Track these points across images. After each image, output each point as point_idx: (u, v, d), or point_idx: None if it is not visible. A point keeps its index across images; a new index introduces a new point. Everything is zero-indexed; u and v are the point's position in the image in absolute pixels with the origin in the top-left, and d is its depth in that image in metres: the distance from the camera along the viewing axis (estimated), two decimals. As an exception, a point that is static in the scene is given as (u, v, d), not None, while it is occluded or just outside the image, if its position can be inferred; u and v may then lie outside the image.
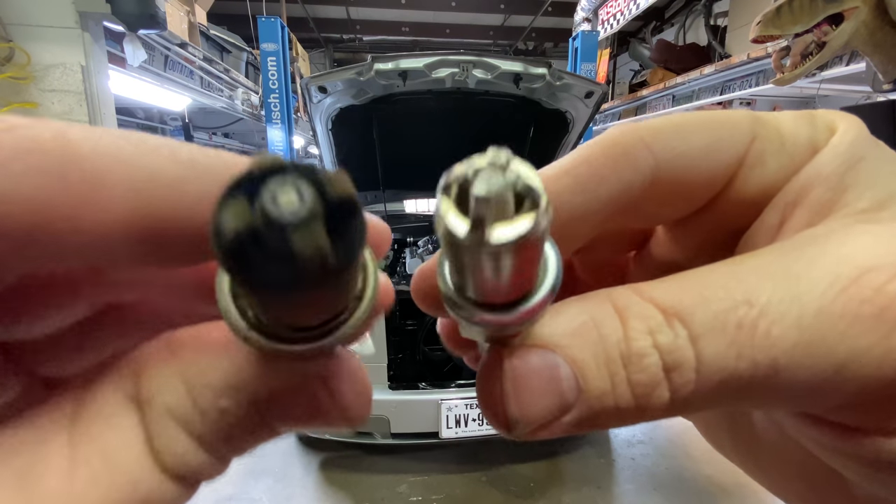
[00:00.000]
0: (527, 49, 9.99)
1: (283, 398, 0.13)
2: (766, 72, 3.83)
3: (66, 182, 0.10)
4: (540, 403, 0.14)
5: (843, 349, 0.13)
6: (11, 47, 2.20)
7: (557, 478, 2.56)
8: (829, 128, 0.17)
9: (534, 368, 0.14)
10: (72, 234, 0.10)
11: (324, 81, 2.41)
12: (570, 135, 3.02)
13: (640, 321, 0.14)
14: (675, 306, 0.14)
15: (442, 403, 2.22)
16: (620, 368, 0.14)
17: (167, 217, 0.12)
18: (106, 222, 0.11)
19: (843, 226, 0.15)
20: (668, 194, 0.17)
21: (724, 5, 5.35)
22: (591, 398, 0.14)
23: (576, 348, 0.14)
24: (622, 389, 0.14)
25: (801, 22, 1.84)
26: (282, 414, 0.13)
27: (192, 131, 5.79)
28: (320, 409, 0.13)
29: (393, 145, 3.05)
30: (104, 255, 0.11)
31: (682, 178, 0.16)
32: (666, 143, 0.16)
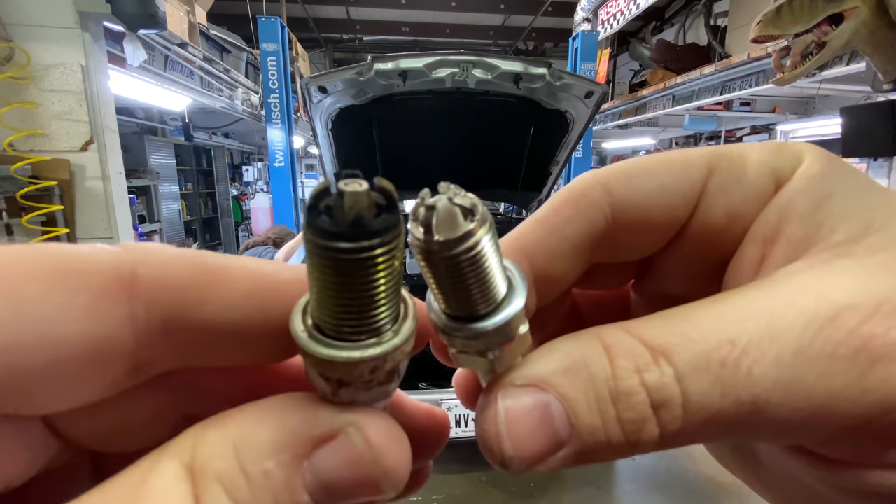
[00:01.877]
0: (527, 49, 9.99)
1: (323, 452, 0.13)
2: (766, 72, 3.83)
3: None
4: (533, 442, 0.15)
5: (820, 389, 0.13)
6: (11, 47, 2.20)
7: (557, 478, 2.56)
8: (795, 158, 0.18)
9: (527, 408, 0.15)
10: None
11: (324, 81, 2.41)
12: (570, 135, 3.01)
13: (628, 359, 0.14)
14: (661, 345, 0.14)
15: (442, 403, 2.22)
16: (610, 406, 0.14)
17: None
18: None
19: (820, 261, 0.15)
20: (635, 228, 0.18)
21: (724, 5, 5.35)
22: (583, 435, 0.15)
23: (567, 386, 0.15)
24: (612, 426, 0.14)
25: (801, 22, 1.84)
26: (322, 468, 0.13)
27: (192, 131, 5.79)
28: (357, 460, 0.13)
29: (393, 145, 3.05)
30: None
31: (642, 213, 0.18)
32: (620, 183, 0.18)
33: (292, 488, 0.13)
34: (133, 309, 0.13)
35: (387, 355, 0.14)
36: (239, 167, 9.91)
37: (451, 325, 0.15)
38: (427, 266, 0.14)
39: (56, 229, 2.33)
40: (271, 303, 0.14)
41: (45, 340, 0.12)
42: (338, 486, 0.13)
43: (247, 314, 0.14)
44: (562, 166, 3.31)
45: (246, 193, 9.68)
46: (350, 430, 0.14)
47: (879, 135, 2.43)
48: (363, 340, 0.13)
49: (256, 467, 0.12)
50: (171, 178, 6.93)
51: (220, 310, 0.14)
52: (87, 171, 2.42)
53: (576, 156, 4.95)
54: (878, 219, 0.16)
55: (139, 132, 6.16)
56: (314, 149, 6.47)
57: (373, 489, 0.14)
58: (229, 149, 9.28)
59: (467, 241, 0.13)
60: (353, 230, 0.11)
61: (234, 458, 0.12)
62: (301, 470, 0.13)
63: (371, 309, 0.13)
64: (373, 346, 0.13)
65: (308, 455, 0.13)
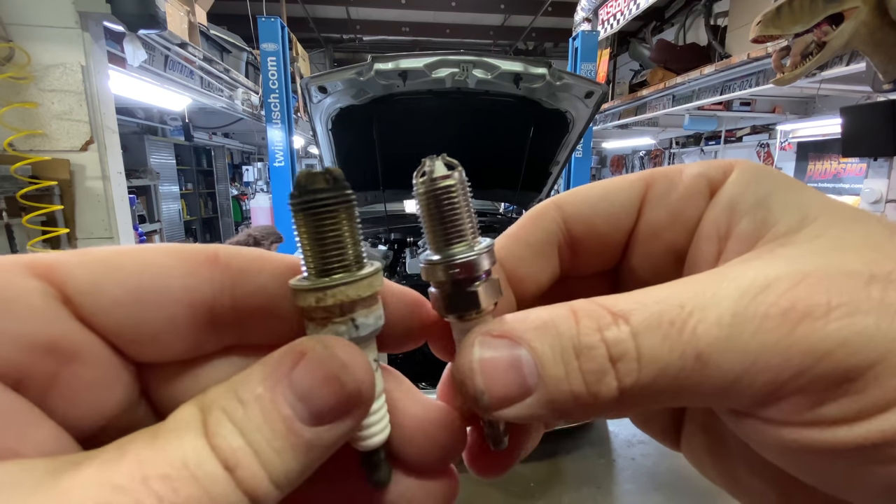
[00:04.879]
0: (527, 49, 9.99)
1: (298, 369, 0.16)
2: (766, 72, 3.83)
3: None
4: (504, 383, 0.17)
5: (755, 343, 0.15)
6: (11, 47, 2.20)
7: (557, 478, 2.56)
8: (725, 166, 0.21)
9: (500, 354, 0.17)
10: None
11: (324, 81, 2.41)
12: (570, 135, 3.01)
13: (591, 320, 0.17)
14: (621, 310, 0.17)
15: (442, 403, 2.22)
16: (573, 358, 0.16)
17: None
18: None
19: (767, 251, 0.18)
20: (587, 237, 0.23)
21: (724, 5, 5.35)
22: (548, 384, 0.17)
23: (536, 341, 0.17)
24: (575, 377, 0.16)
25: (801, 22, 1.84)
26: (296, 380, 0.16)
27: (192, 131, 5.79)
28: (321, 364, 0.16)
29: (393, 145, 3.05)
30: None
31: (590, 222, 0.22)
32: (569, 201, 0.23)
33: (277, 403, 0.15)
34: (214, 273, 0.18)
35: (367, 278, 0.18)
36: (239, 167, 9.91)
37: (439, 258, 0.19)
38: (423, 204, 0.19)
39: (56, 229, 2.33)
40: None
41: (163, 286, 0.17)
42: (310, 391, 0.16)
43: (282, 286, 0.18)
44: (562, 166, 3.31)
45: (246, 193, 9.67)
46: (315, 345, 0.17)
47: (879, 135, 2.43)
48: (342, 273, 0.18)
49: (249, 394, 0.15)
50: (171, 178, 6.93)
51: (266, 281, 0.18)
52: (87, 171, 2.42)
53: (576, 156, 4.95)
54: (812, 211, 0.18)
55: (139, 132, 6.16)
56: (314, 149, 6.48)
57: (338, 385, 0.16)
58: (229, 149, 9.28)
59: (449, 181, 0.19)
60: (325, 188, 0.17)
61: (232, 392, 0.15)
62: (282, 388, 0.16)
63: (345, 249, 0.18)
64: (350, 275, 0.18)
65: (288, 374, 0.16)
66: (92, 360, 0.16)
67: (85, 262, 0.16)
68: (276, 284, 0.18)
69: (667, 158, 8.49)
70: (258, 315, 0.19)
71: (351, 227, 0.18)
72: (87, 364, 0.16)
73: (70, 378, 0.16)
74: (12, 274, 0.15)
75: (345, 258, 0.18)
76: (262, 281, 0.18)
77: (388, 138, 2.96)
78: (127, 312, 0.16)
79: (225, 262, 0.18)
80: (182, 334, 0.18)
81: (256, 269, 0.18)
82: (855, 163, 5.02)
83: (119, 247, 0.17)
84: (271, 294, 0.18)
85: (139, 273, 0.16)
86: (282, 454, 0.15)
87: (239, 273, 0.18)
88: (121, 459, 0.13)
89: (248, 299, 0.18)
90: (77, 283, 0.15)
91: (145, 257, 0.17)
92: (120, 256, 0.16)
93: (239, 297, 0.18)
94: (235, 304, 0.18)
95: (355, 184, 1.92)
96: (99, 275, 0.16)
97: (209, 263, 0.18)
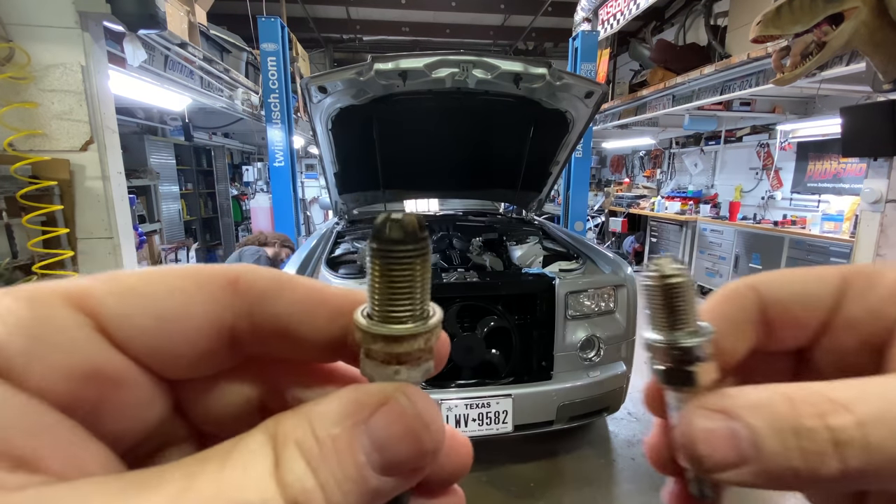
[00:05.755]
0: (527, 49, 9.99)
1: (378, 415, 0.16)
2: (766, 72, 3.83)
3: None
4: (722, 450, 0.18)
5: None
6: (11, 47, 2.20)
7: (557, 478, 2.56)
8: None
9: (718, 424, 0.19)
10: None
11: (324, 81, 2.41)
12: (570, 135, 3.01)
13: (810, 406, 0.18)
14: (840, 398, 0.17)
15: (442, 403, 2.22)
16: (792, 437, 0.17)
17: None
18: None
19: None
20: (782, 320, 0.23)
21: (724, 5, 5.35)
22: (766, 457, 0.18)
23: (752, 418, 0.18)
24: (794, 454, 0.17)
25: (801, 22, 1.84)
26: (376, 426, 0.16)
27: (192, 131, 5.79)
28: (404, 416, 0.17)
29: (393, 145, 3.04)
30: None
31: (785, 307, 0.23)
32: (765, 283, 0.23)
33: (353, 448, 0.16)
34: (234, 299, 0.18)
35: (432, 331, 0.18)
36: (239, 167, 9.91)
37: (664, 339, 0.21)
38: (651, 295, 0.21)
39: (56, 229, 2.33)
40: (318, 308, 0.19)
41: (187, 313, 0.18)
42: (388, 442, 0.16)
43: (301, 312, 0.19)
44: (562, 166, 3.31)
45: (246, 193, 9.67)
46: (398, 395, 0.17)
47: (879, 135, 2.43)
48: (411, 323, 0.18)
49: (326, 432, 0.16)
50: (171, 178, 6.93)
51: (285, 306, 0.19)
52: (87, 171, 2.42)
53: (576, 156, 4.96)
54: None
55: (139, 132, 6.16)
56: (314, 149, 6.47)
57: (417, 443, 0.17)
58: (229, 149, 9.28)
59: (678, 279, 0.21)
60: (405, 239, 0.18)
61: (308, 427, 0.16)
62: (360, 433, 0.16)
63: (416, 297, 0.18)
64: (421, 325, 0.18)
65: (367, 420, 0.16)
66: (130, 382, 0.17)
67: (115, 291, 0.17)
68: (294, 310, 0.19)
69: (667, 158, 8.49)
70: (277, 336, 0.19)
71: (424, 277, 0.18)
72: (125, 386, 0.17)
73: (112, 400, 0.17)
74: (53, 307, 0.16)
75: (415, 307, 0.18)
76: (280, 307, 0.19)
77: (388, 138, 2.96)
78: (154, 338, 0.17)
79: (245, 287, 0.19)
80: (205, 355, 0.19)
81: (274, 293, 0.19)
82: (855, 163, 5.02)
83: (145, 271, 0.18)
84: (290, 319, 0.19)
85: (164, 301, 0.17)
86: (347, 497, 0.15)
87: (258, 298, 0.19)
88: (188, 491, 0.14)
89: (267, 323, 0.19)
90: (109, 313, 0.17)
91: (170, 283, 0.18)
92: (146, 285, 0.17)
93: (258, 320, 0.19)
94: (254, 327, 0.19)
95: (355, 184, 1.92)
96: (129, 304, 0.17)
97: (230, 287, 0.18)
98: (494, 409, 2.26)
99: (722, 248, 6.09)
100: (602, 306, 2.49)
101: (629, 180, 9.83)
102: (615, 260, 2.68)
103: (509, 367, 2.39)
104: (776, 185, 6.11)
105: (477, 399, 2.24)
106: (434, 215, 4.07)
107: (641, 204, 8.25)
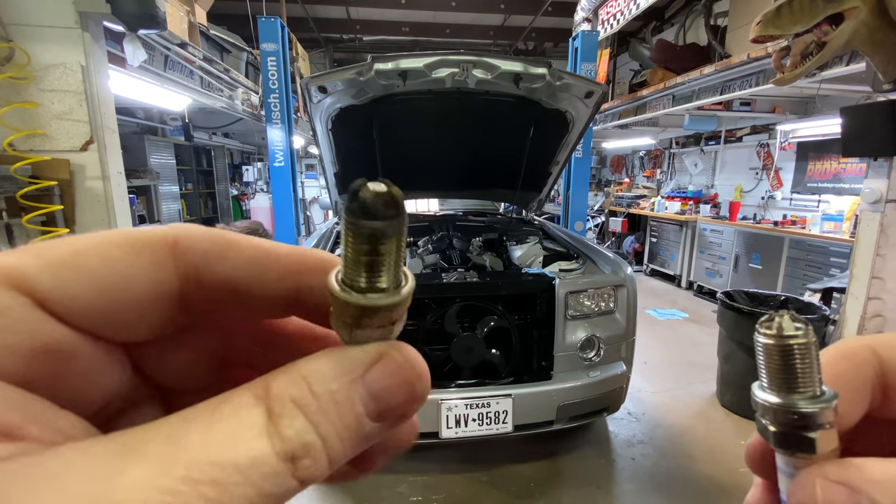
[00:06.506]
0: (527, 49, 9.99)
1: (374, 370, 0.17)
2: (766, 72, 3.83)
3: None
4: None
5: None
6: (11, 47, 2.20)
7: (557, 478, 2.56)
8: None
9: (840, 497, 0.18)
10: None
11: (324, 81, 2.41)
12: (570, 135, 3.01)
13: None
14: None
15: (442, 403, 2.22)
16: None
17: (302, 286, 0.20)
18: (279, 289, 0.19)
19: None
20: None
21: (724, 5, 5.35)
22: None
23: (879, 494, 0.18)
24: None
25: (801, 22, 1.84)
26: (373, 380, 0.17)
27: (192, 131, 5.79)
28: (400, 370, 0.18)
29: (393, 145, 3.04)
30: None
31: None
32: (886, 346, 0.22)
33: (352, 401, 0.17)
34: (176, 263, 0.18)
35: (404, 300, 0.18)
36: (239, 167, 9.91)
37: (780, 402, 0.20)
38: (769, 353, 0.20)
39: (56, 229, 2.33)
40: (266, 268, 0.19)
41: (128, 282, 0.17)
42: (384, 394, 0.17)
43: (249, 274, 0.19)
44: (562, 166, 3.31)
45: (246, 193, 9.68)
46: (392, 352, 0.18)
47: (879, 135, 2.43)
48: (387, 291, 0.18)
49: (324, 388, 0.16)
50: (171, 178, 6.93)
51: (231, 269, 0.19)
52: (87, 171, 2.42)
53: (576, 156, 4.95)
54: None
55: (139, 132, 6.16)
56: (314, 149, 6.47)
57: (411, 391, 0.18)
58: (229, 149, 9.28)
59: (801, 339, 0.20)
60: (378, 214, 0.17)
61: (304, 385, 0.16)
62: (358, 386, 0.17)
63: (389, 269, 0.18)
64: (396, 294, 0.18)
65: (363, 375, 0.17)
66: (82, 352, 0.17)
67: (48, 266, 0.16)
68: (241, 273, 0.19)
69: (667, 158, 8.49)
70: (225, 296, 0.19)
71: (398, 250, 0.18)
72: (79, 357, 0.17)
73: (67, 372, 0.17)
74: None
75: (389, 278, 0.18)
76: (226, 269, 0.19)
77: (388, 138, 2.96)
78: (98, 310, 0.17)
79: (186, 250, 0.18)
80: (154, 319, 0.18)
81: (218, 255, 0.19)
82: (855, 163, 5.02)
83: (76, 241, 0.17)
84: (237, 281, 0.19)
85: (102, 272, 0.17)
86: (345, 444, 0.16)
87: (202, 261, 0.18)
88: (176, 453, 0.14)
89: (214, 284, 0.19)
90: (46, 290, 0.16)
91: (104, 253, 0.17)
92: (79, 256, 0.17)
93: (204, 283, 0.18)
94: (201, 289, 0.19)
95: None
96: (65, 279, 0.16)
97: (169, 251, 0.18)
98: (494, 409, 2.26)
99: (722, 248, 6.09)
100: (602, 306, 2.49)
101: (629, 180, 9.82)
102: (615, 260, 2.68)
103: (509, 367, 2.39)
104: (776, 185, 6.11)
105: (477, 399, 2.24)
106: (434, 215, 4.07)
107: (641, 204, 8.25)
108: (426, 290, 2.30)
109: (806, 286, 4.28)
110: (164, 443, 0.14)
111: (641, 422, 3.11)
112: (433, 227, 3.59)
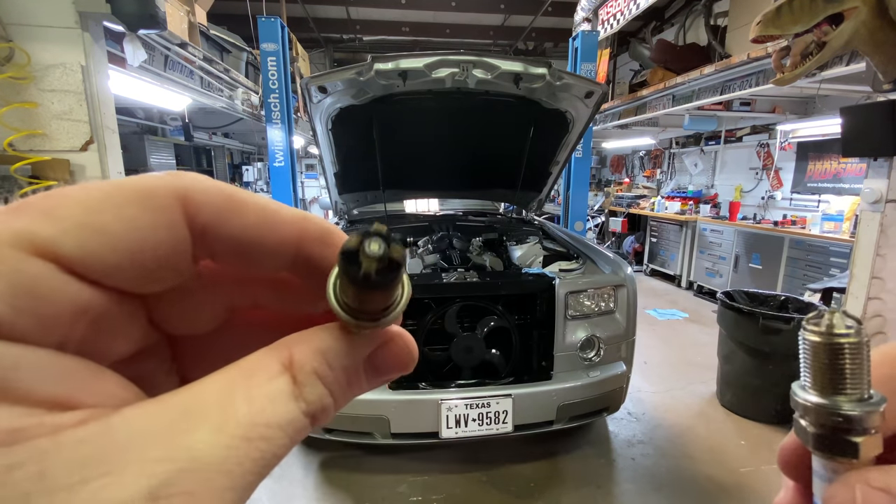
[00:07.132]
0: (527, 49, 9.99)
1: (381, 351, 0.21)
2: (766, 72, 3.83)
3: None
4: None
5: None
6: (11, 47, 2.20)
7: (557, 478, 2.55)
8: None
9: (885, 501, 0.18)
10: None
11: (324, 81, 2.41)
12: (570, 135, 3.01)
13: None
14: None
15: (442, 403, 2.22)
16: None
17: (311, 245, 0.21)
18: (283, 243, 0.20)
19: None
20: None
21: (724, 5, 5.35)
22: None
23: None
24: None
25: (801, 22, 1.84)
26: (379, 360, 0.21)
27: (192, 131, 5.79)
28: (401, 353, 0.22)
29: (393, 145, 3.04)
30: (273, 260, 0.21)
31: None
32: None
33: (360, 373, 0.20)
34: (187, 217, 0.19)
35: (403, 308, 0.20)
36: (239, 167, 9.91)
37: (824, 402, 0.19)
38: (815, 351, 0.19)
39: (56, 229, 2.33)
40: (269, 233, 0.20)
41: (146, 242, 0.18)
42: (383, 366, 0.21)
43: (252, 237, 0.20)
44: (562, 166, 3.31)
45: (246, 193, 9.66)
46: (396, 338, 0.21)
47: (879, 135, 2.43)
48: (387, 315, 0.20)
49: (338, 363, 0.19)
50: (171, 178, 6.92)
51: (237, 229, 0.19)
52: (87, 171, 2.42)
53: (576, 156, 4.95)
54: None
55: (139, 132, 6.16)
56: (314, 149, 6.46)
57: (403, 366, 0.22)
58: (229, 149, 9.28)
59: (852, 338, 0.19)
60: (372, 278, 0.17)
61: (323, 360, 0.19)
62: (366, 362, 0.20)
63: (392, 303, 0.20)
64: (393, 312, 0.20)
65: (371, 354, 0.21)
66: (112, 311, 0.18)
67: (66, 230, 0.16)
68: (244, 235, 0.20)
69: (667, 158, 8.49)
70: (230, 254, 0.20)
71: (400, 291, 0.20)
72: (110, 314, 0.18)
73: (103, 330, 0.18)
74: (18, 260, 0.16)
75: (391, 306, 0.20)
76: (231, 230, 0.19)
77: (388, 138, 2.96)
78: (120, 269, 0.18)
79: (195, 210, 0.19)
80: (171, 272, 0.19)
81: (225, 217, 0.19)
82: (855, 163, 5.02)
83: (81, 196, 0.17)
84: (241, 242, 0.20)
85: (122, 235, 0.17)
86: (347, 400, 0.20)
87: (211, 221, 0.19)
88: (229, 418, 0.16)
89: (220, 243, 0.20)
90: (69, 254, 0.16)
91: (121, 214, 0.17)
92: (95, 216, 0.17)
93: (210, 241, 0.19)
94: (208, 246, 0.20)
95: (355, 184, 1.91)
96: (87, 242, 0.17)
97: (181, 209, 0.18)
98: (494, 409, 2.26)
99: (722, 248, 6.09)
100: (602, 306, 2.49)
101: (629, 180, 9.82)
102: (615, 260, 2.68)
103: (509, 367, 2.39)
104: (776, 185, 6.11)
105: (477, 399, 2.24)
106: (434, 215, 4.07)
107: (641, 204, 8.25)
108: (426, 290, 2.30)
109: (806, 286, 4.28)
110: (216, 407, 0.16)
111: (641, 422, 3.11)
112: (433, 227, 3.59)
